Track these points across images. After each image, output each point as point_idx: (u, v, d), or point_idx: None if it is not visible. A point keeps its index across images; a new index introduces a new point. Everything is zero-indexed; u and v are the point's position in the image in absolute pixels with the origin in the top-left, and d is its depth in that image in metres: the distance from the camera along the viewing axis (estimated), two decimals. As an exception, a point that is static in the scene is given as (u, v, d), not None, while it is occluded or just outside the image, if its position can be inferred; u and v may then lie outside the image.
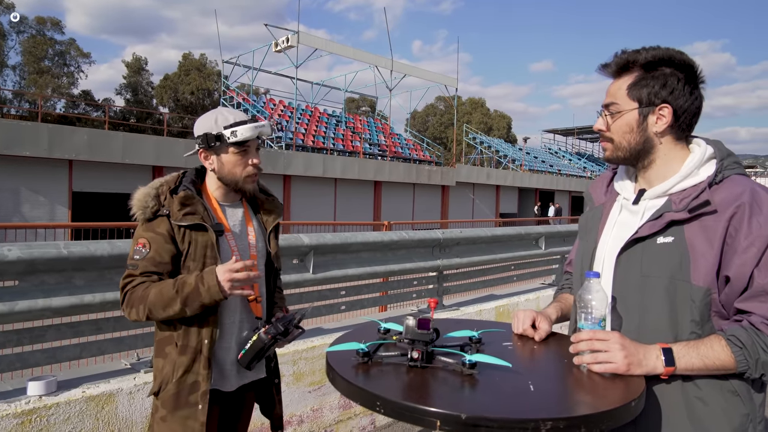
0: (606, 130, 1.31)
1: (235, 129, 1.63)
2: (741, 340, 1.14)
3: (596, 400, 1.10)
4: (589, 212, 1.46)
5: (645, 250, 1.24)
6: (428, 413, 1.01)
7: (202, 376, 1.59)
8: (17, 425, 2.12)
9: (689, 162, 1.27)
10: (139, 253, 1.58)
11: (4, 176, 14.23)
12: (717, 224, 1.17)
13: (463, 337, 1.43)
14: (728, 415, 1.20)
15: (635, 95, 1.26)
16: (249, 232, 1.76)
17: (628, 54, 1.28)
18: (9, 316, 2.22)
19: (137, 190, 1.63)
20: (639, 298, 1.25)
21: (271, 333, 1.61)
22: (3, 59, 38.49)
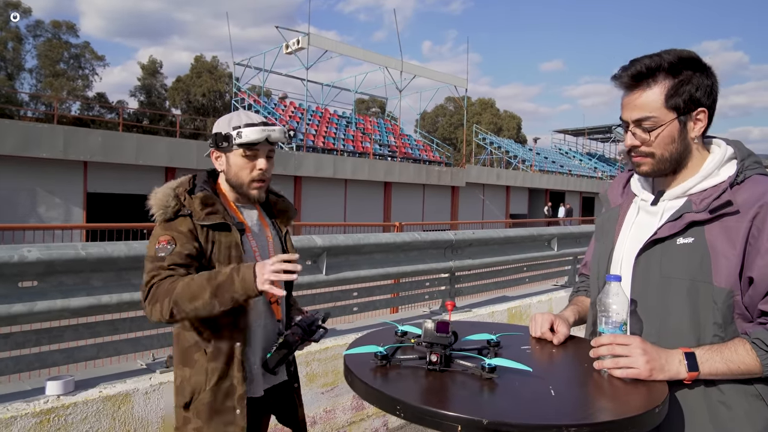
0: (641, 145, 1.24)
1: (242, 130, 1.60)
2: (766, 343, 1.12)
3: (619, 406, 1.09)
4: (606, 213, 1.44)
5: (664, 252, 1.23)
6: (449, 418, 1.00)
7: (237, 380, 1.56)
8: (36, 424, 2.14)
9: (709, 162, 1.25)
10: (164, 249, 1.52)
11: (21, 177, 14.44)
12: (739, 225, 1.15)
13: (481, 340, 1.42)
14: (752, 420, 1.18)
15: (673, 104, 1.20)
16: (267, 233, 1.75)
17: (649, 60, 1.22)
18: (28, 316, 2.25)
19: (155, 191, 1.60)
20: (659, 300, 1.23)
21: (299, 334, 1.60)
22: (20, 63, 39.07)
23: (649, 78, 1.21)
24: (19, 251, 2.21)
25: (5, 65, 38.17)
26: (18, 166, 14.31)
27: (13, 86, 37.78)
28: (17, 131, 13.92)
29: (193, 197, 1.59)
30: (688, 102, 1.20)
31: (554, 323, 1.46)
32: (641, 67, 1.21)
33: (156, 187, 1.63)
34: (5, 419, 2.06)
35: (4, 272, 2.20)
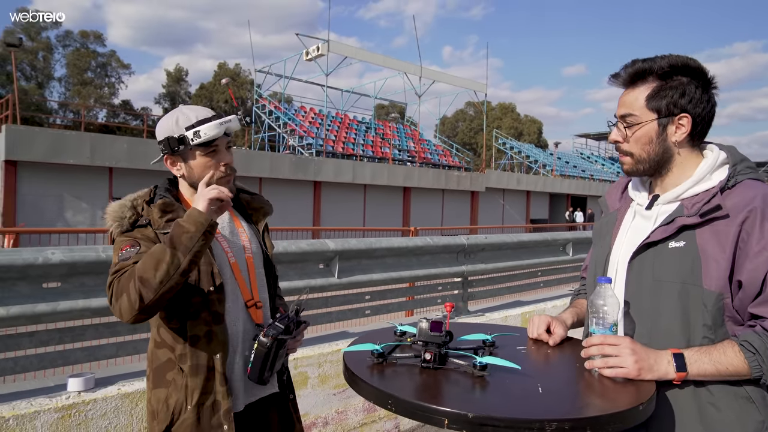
0: (623, 142, 1.30)
1: (198, 128, 1.45)
2: (754, 345, 1.14)
3: (604, 402, 1.12)
4: (604, 218, 1.47)
5: (657, 255, 1.25)
6: (437, 412, 1.05)
7: (221, 394, 1.44)
8: (58, 419, 2.24)
9: (701, 167, 1.27)
10: (129, 253, 1.39)
11: (49, 183, 14.90)
12: (729, 229, 1.17)
13: (476, 340, 1.46)
14: (742, 422, 1.19)
15: (654, 106, 1.24)
16: (240, 233, 1.61)
17: (642, 63, 1.26)
18: (52, 315, 2.36)
19: (109, 204, 1.48)
20: (651, 302, 1.26)
21: (271, 334, 1.44)
22: (50, 72, 40.30)
23: (639, 78, 1.26)
24: (43, 253, 2.33)
25: (36, 74, 39.42)
26: (46, 172, 14.76)
27: (42, 95, 38.99)
28: (46, 138, 14.37)
29: (152, 206, 1.48)
30: (669, 105, 1.23)
31: (551, 325, 1.49)
32: (634, 68, 1.27)
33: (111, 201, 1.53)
34: (29, 413, 2.16)
35: (29, 273, 2.32)
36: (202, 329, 1.45)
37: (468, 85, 29.75)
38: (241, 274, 1.56)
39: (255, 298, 1.57)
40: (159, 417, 1.46)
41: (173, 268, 1.31)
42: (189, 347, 1.44)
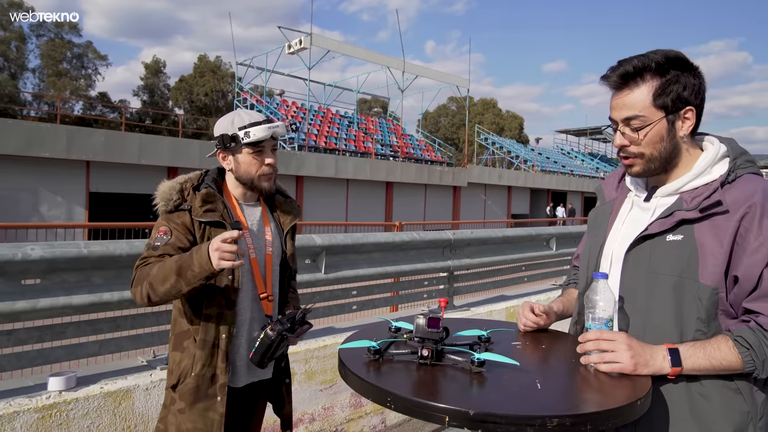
0: (630, 145, 1.26)
1: (249, 130, 1.67)
2: (748, 341, 1.15)
3: (602, 398, 1.12)
4: (600, 207, 1.46)
5: (654, 248, 1.25)
6: (437, 409, 1.04)
7: (220, 369, 1.64)
8: (38, 419, 2.18)
9: (702, 160, 1.26)
10: (161, 239, 1.61)
11: (24, 177, 14.53)
12: (728, 224, 1.17)
13: (472, 336, 1.45)
14: (729, 413, 1.21)
15: (661, 103, 1.21)
16: (266, 232, 1.79)
17: (638, 60, 1.23)
18: (32, 313, 2.29)
19: (162, 183, 1.68)
20: (646, 295, 1.26)
21: (277, 329, 1.63)
22: (23, 62, 39.21)
23: (636, 78, 1.22)
24: (22, 249, 2.25)
25: (8, 65, 38.32)
26: (21, 166, 14.39)
27: (16, 86, 37.93)
28: (20, 131, 14.00)
29: (196, 194, 1.66)
30: (675, 101, 1.21)
31: (534, 308, 1.48)
32: (629, 67, 1.23)
33: (163, 180, 1.71)
34: (8, 414, 2.10)
35: (7, 270, 2.24)
36: (214, 311, 1.64)
37: (451, 81, 29.81)
38: (259, 269, 1.74)
39: (268, 291, 1.75)
40: (171, 375, 1.69)
41: (175, 290, 1.53)
42: (202, 323, 1.64)
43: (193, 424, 1.62)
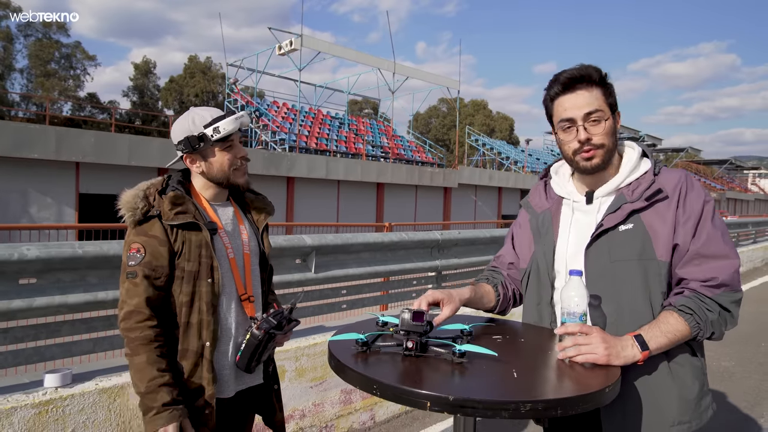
0: (593, 137, 1.39)
1: (217, 125, 1.57)
2: (690, 307, 1.32)
3: (574, 386, 1.21)
4: (539, 216, 1.58)
5: (611, 239, 1.40)
6: (419, 395, 1.11)
7: (206, 380, 1.55)
8: (35, 415, 2.23)
9: (631, 159, 1.46)
10: (134, 258, 1.51)
11: (12, 178, 14.43)
12: (668, 206, 1.37)
13: (455, 329, 1.53)
14: (695, 372, 1.41)
15: (609, 103, 1.41)
16: (242, 231, 1.72)
17: (593, 68, 1.41)
18: (28, 311, 2.34)
19: (124, 192, 1.58)
20: (613, 281, 1.40)
21: (264, 328, 1.57)
22: (10, 62, 38.83)
23: (589, 81, 1.41)
24: (18, 249, 2.30)
25: (-5, 65, 37.95)
26: (9, 167, 14.30)
27: (3, 86, 37.56)
28: (8, 132, 13.91)
29: (163, 197, 1.57)
30: (614, 103, 1.43)
31: (442, 302, 1.51)
32: (590, 71, 1.41)
33: (126, 189, 1.60)
34: (6, 410, 2.15)
35: (4, 270, 2.29)
36: (195, 317, 1.55)
37: (441, 82, 29.97)
38: (238, 270, 1.66)
39: (248, 292, 1.68)
40: None
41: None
42: (182, 332, 1.55)
43: None
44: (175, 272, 1.55)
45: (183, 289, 1.55)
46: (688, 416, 1.39)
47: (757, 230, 13.62)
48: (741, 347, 5.64)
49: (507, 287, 1.67)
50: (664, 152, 63.22)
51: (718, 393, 4.32)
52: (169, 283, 1.55)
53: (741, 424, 3.73)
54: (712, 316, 1.32)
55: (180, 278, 1.55)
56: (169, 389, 1.48)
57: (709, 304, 1.32)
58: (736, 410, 3.97)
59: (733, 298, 1.35)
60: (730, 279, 1.34)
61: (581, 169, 1.45)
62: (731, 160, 63.96)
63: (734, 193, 58.36)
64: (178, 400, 1.50)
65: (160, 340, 1.52)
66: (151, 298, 1.52)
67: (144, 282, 1.50)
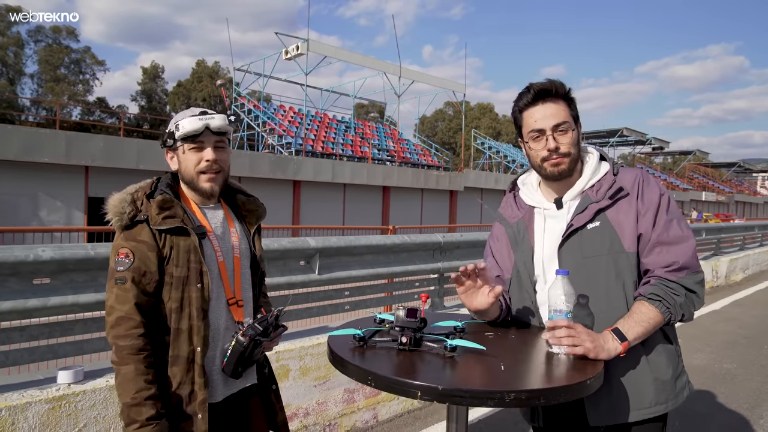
0: (561, 147, 1.52)
1: (179, 122, 1.57)
2: (657, 294, 1.42)
3: (558, 377, 1.28)
4: (513, 226, 1.68)
5: (581, 238, 1.51)
6: (411, 386, 1.19)
7: (198, 385, 1.52)
8: (49, 410, 2.32)
9: (590, 164, 1.58)
10: (123, 264, 1.48)
11: (23, 182, 14.63)
12: (630, 201, 1.50)
13: (448, 326, 1.61)
14: (669, 356, 1.53)
15: (573, 115, 1.55)
16: (232, 234, 1.68)
17: (558, 83, 1.54)
18: (42, 310, 2.44)
19: (111, 196, 1.55)
20: (586, 276, 1.50)
21: (249, 334, 1.54)
22: (21, 68, 39.34)
23: (556, 95, 1.53)
24: (34, 251, 2.40)
25: (6, 70, 38.45)
26: (20, 171, 14.50)
27: (14, 91, 38.04)
28: (19, 136, 14.12)
29: (151, 201, 1.54)
30: (576, 115, 1.57)
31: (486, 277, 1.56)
32: (557, 86, 1.53)
33: (114, 192, 1.58)
34: (21, 405, 2.24)
35: (20, 270, 2.39)
36: (185, 323, 1.53)
37: (446, 86, 30.05)
38: (227, 273, 1.63)
39: (237, 296, 1.65)
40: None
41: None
42: (172, 339, 1.53)
43: None
44: (164, 278, 1.52)
45: (172, 295, 1.52)
46: (665, 396, 1.50)
47: (763, 233, 13.57)
48: (744, 350, 5.66)
49: (505, 297, 1.73)
50: (671, 155, 62.87)
51: (719, 395, 4.34)
52: (158, 289, 1.52)
53: (741, 425, 3.76)
54: (679, 299, 1.42)
55: (169, 284, 1.52)
56: (153, 403, 1.46)
57: (675, 288, 1.43)
58: (736, 412, 4.00)
59: (695, 279, 1.46)
60: (690, 261, 1.45)
61: (548, 176, 1.56)
62: (740, 163, 63.49)
63: (743, 195, 57.93)
64: (162, 414, 1.48)
65: (148, 350, 1.49)
66: (141, 304, 1.49)
67: (134, 288, 1.48)
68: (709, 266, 9.73)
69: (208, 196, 1.64)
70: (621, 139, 44.94)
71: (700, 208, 43.83)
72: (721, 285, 10.07)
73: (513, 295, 1.68)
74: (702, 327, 6.66)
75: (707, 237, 10.10)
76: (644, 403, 1.49)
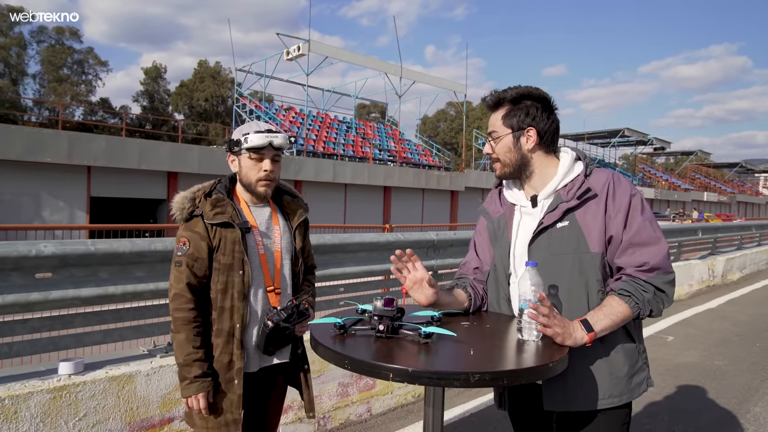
0: (492, 153, 1.66)
1: (248, 135, 1.86)
2: (627, 290, 1.50)
3: (521, 361, 1.37)
4: (495, 222, 1.76)
5: (550, 236, 1.59)
6: (383, 368, 1.28)
7: (236, 356, 1.83)
8: (50, 399, 2.42)
9: (564, 164, 1.64)
10: (181, 250, 1.82)
11: (26, 182, 14.78)
12: (599, 203, 1.55)
13: (426, 316, 1.69)
14: (627, 353, 1.59)
15: (508, 123, 1.63)
16: (275, 230, 1.96)
17: (499, 93, 1.65)
18: (44, 303, 2.53)
19: (178, 194, 1.88)
20: (553, 272, 1.58)
21: (274, 320, 1.81)
22: (23, 68, 39.54)
23: (498, 104, 1.65)
24: (36, 246, 2.50)
25: (9, 71, 38.66)
26: (23, 171, 14.64)
27: (17, 91, 38.25)
28: (22, 136, 14.26)
29: (207, 200, 1.85)
30: (518, 122, 1.62)
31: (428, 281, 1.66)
32: (494, 97, 1.66)
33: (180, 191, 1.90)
34: (24, 394, 2.34)
35: (23, 265, 2.49)
36: (228, 302, 1.84)
37: (448, 86, 30.13)
38: (268, 264, 1.92)
39: (276, 285, 1.94)
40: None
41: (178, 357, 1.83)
42: (218, 315, 1.85)
43: (215, 404, 1.84)
44: (213, 264, 1.83)
45: (219, 278, 1.83)
46: (619, 390, 1.57)
47: (761, 233, 13.61)
48: (735, 347, 5.73)
49: (476, 288, 1.82)
50: (673, 155, 62.77)
51: (709, 390, 4.42)
52: (208, 273, 1.83)
53: (728, 419, 3.84)
54: (648, 296, 1.50)
55: (217, 269, 1.83)
56: (201, 364, 1.79)
57: (644, 286, 1.50)
58: (724, 407, 4.08)
59: (665, 279, 1.53)
60: (661, 262, 1.51)
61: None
62: (742, 163, 63.41)
63: (745, 196, 57.82)
64: (208, 374, 1.81)
65: (198, 321, 1.82)
66: (192, 284, 1.81)
67: (187, 270, 1.80)
68: (706, 265, 9.79)
69: (261, 199, 1.95)
70: (622, 139, 44.94)
71: (702, 208, 43.77)
72: (718, 284, 10.13)
73: (490, 287, 1.77)
74: (697, 325, 6.73)
75: (704, 236, 10.16)
76: (598, 395, 1.56)
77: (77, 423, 2.48)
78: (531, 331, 1.48)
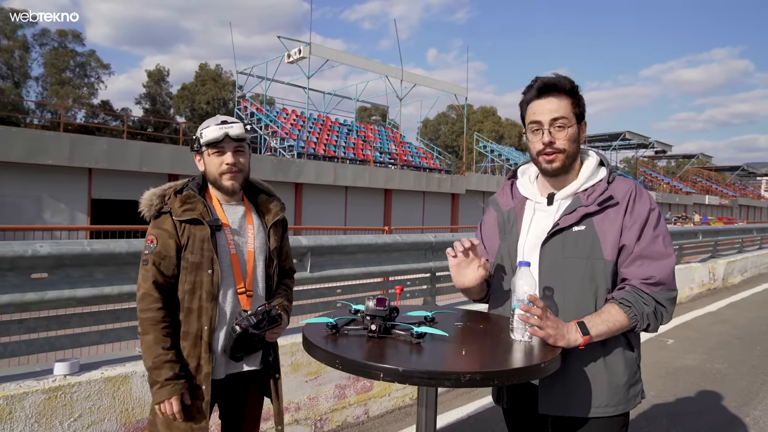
0: (556, 142, 1.52)
1: (203, 131, 1.79)
2: (629, 300, 1.48)
3: (512, 361, 1.36)
4: (504, 214, 1.72)
5: (564, 238, 1.55)
6: (374, 368, 1.27)
7: (204, 360, 1.73)
8: (45, 400, 2.41)
9: (589, 167, 1.59)
10: (148, 248, 1.75)
11: (27, 184, 14.80)
12: (618, 212, 1.52)
13: (419, 316, 1.69)
14: (627, 362, 1.57)
15: (576, 112, 1.54)
16: (248, 229, 1.87)
17: (563, 79, 1.54)
18: (40, 304, 2.53)
19: (147, 191, 1.80)
20: (563, 275, 1.55)
21: (243, 325, 1.72)
22: (26, 71, 39.67)
23: (562, 90, 1.53)
24: (32, 246, 2.50)
25: (12, 74, 38.78)
26: (24, 173, 14.67)
27: (19, 94, 38.36)
28: (24, 139, 14.29)
29: (177, 196, 1.78)
30: (582, 113, 1.56)
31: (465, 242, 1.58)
32: (560, 81, 1.53)
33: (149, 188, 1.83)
34: (19, 395, 2.34)
35: (18, 265, 2.49)
36: (196, 303, 1.75)
37: (448, 89, 30.15)
38: (239, 265, 1.82)
39: (247, 286, 1.84)
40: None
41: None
42: (185, 316, 1.76)
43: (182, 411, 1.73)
44: (182, 263, 1.75)
45: (186, 278, 1.75)
46: (616, 400, 1.54)
47: (762, 236, 13.58)
48: (735, 350, 5.71)
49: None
50: (674, 158, 62.70)
51: (709, 394, 4.40)
52: (176, 272, 1.75)
53: (728, 423, 3.83)
54: (647, 309, 1.47)
55: (185, 269, 1.75)
56: (172, 365, 1.70)
57: (646, 299, 1.48)
58: (724, 410, 4.06)
59: (668, 296, 1.51)
60: (667, 278, 1.49)
61: (543, 171, 1.60)
62: (743, 167, 63.30)
63: (746, 199, 57.71)
64: (180, 375, 1.71)
65: (167, 321, 1.73)
66: (159, 283, 1.73)
67: (153, 268, 1.72)
68: (706, 268, 9.77)
69: (230, 194, 1.85)
70: (623, 142, 44.90)
71: (703, 211, 43.69)
72: (719, 287, 10.10)
73: (495, 280, 1.74)
74: (697, 328, 6.71)
75: (704, 239, 10.13)
76: (595, 402, 1.53)
77: (72, 424, 2.47)
78: (523, 331, 1.47)
